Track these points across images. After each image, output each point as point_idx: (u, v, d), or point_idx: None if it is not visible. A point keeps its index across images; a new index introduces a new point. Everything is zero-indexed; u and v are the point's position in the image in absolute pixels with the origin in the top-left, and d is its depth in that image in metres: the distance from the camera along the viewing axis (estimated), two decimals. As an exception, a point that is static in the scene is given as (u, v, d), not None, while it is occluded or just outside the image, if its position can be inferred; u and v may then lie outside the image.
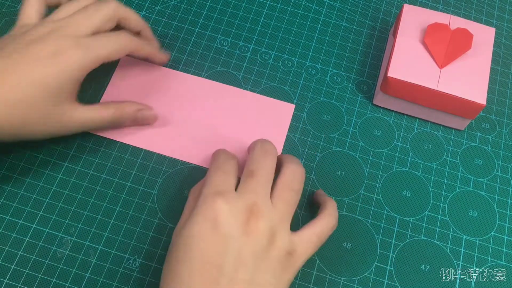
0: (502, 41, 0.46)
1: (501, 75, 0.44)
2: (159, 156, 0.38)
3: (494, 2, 0.49)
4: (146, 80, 0.41)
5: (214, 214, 0.28)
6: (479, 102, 0.37)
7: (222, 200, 0.28)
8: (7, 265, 0.33)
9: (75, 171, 0.37)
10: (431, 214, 0.37)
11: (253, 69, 0.42)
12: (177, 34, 0.44)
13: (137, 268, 0.34)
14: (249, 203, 0.29)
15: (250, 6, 0.46)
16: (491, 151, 0.40)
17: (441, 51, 0.39)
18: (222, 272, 0.26)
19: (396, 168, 0.39)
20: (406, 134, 0.41)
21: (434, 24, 0.40)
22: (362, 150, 0.40)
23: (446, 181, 0.39)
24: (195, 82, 0.41)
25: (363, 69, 0.44)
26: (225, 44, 0.44)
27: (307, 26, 0.45)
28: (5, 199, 0.35)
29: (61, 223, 0.35)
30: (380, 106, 0.42)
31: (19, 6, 0.43)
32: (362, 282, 0.34)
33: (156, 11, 0.45)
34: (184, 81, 0.41)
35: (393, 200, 0.38)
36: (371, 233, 0.36)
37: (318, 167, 0.39)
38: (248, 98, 0.41)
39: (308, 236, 0.30)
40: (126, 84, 0.40)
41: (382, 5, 0.47)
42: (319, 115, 0.41)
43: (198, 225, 0.28)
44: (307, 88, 0.42)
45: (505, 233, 0.37)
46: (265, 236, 0.28)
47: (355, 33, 0.45)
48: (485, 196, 0.38)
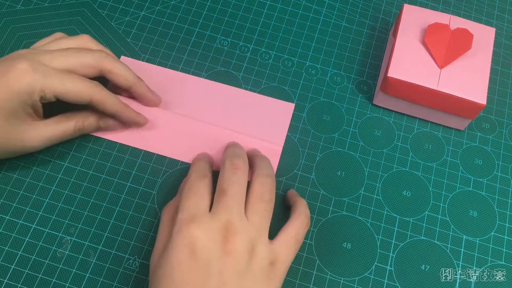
0: (502, 41, 0.46)
1: (501, 75, 0.44)
2: (159, 156, 0.38)
3: (494, 2, 0.49)
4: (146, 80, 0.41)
5: (190, 242, 0.28)
6: (479, 102, 0.37)
7: (196, 226, 0.28)
8: (7, 265, 0.33)
9: (75, 171, 0.37)
10: (431, 214, 0.37)
11: (253, 69, 0.42)
12: (177, 34, 0.44)
13: (137, 268, 0.34)
14: (223, 222, 0.29)
15: (250, 6, 0.46)
16: (491, 151, 0.40)
17: (441, 51, 0.39)
18: None
19: (396, 168, 0.39)
20: (406, 134, 0.41)
21: (434, 24, 0.40)
22: (362, 150, 0.40)
23: (446, 181, 0.39)
24: (195, 82, 0.41)
25: (363, 69, 0.44)
26: (225, 44, 0.44)
27: (307, 26, 0.45)
28: (5, 199, 0.35)
29: (61, 223, 0.35)
30: (380, 106, 0.41)
31: (19, 6, 0.43)
32: (362, 282, 0.34)
33: (156, 11, 0.45)
34: (184, 81, 0.41)
35: (393, 200, 0.38)
36: (371, 233, 0.36)
37: (318, 167, 0.38)
38: (248, 98, 0.41)
39: (286, 241, 0.30)
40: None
41: (382, 5, 0.47)
42: (319, 115, 0.41)
43: (176, 254, 0.28)
44: (307, 88, 0.42)
45: (505, 233, 0.37)
46: (244, 251, 0.28)
47: (355, 33, 0.45)
48: (485, 196, 0.38)
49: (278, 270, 0.29)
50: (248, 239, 0.29)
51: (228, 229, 0.28)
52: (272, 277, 0.29)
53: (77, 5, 0.44)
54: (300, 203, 0.34)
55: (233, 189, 0.30)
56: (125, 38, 0.43)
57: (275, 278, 0.29)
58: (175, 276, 0.27)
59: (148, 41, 0.43)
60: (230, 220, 0.29)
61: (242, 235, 0.28)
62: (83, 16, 0.44)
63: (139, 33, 0.43)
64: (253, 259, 0.28)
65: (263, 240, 0.29)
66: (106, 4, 0.45)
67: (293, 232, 0.31)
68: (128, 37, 0.43)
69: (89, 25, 0.43)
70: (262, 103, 0.41)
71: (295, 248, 0.31)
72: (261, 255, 0.29)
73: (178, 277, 0.27)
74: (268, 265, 0.29)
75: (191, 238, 0.28)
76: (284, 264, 0.30)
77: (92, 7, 0.44)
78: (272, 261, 0.29)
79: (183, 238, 0.28)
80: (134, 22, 0.44)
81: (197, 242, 0.28)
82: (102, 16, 0.44)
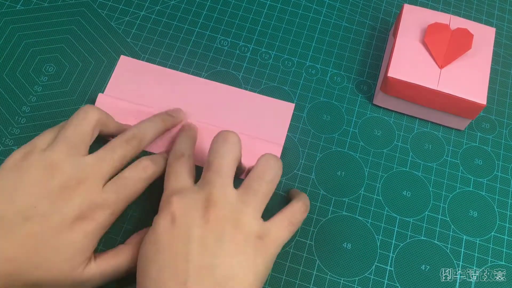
0: (502, 41, 0.46)
1: (501, 75, 0.44)
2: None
3: (495, 2, 0.49)
4: (146, 80, 0.41)
5: (171, 210, 0.29)
6: (479, 102, 0.37)
7: (177, 196, 0.29)
8: (7, 265, 0.33)
9: (75, 171, 0.37)
10: (431, 214, 0.37)
11: (253, 69, 0.42)
12: (177, 34, 0.44)
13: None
14: (205, 194, 0.29)
15: (250, 6, 0.46)
16: (491, 151, 0.40)
17: (441, 51, 0.39)
18: (188, 259, 0.27)
19: (396, 168, 0.39)
20: (406, 134, 0.40)
21: (434, 24, 0.40)
22: (362, 150, 0.40)
23: (446, 181, 0.39)
24: (195, 82, 0.41)
25: (363, 69, 0.43)
26: (225, 44, 0.44)
27: (307, 26, 0.45)
28: (5, 199, 0.35)
29: (61, 223, 0.35)
30: (380, 106, 0.41)
31: (19, 6, 0.43)
32: (362, 282, 0.34)
33: (156, 11, 0.45)
34: (184, 81, 0.41)
35: (393, 200, 0.38)
36: (371, 233, 0.36)
37: (318, 167, 0.38)
38: (248, 98, 0.41)
39: (279, 221, 0.30)
40: (125, 83, 0.40)
41: (382, 5, 0.47)
42: (319, 115, 0.41)
43: (159, 224, 0.28)
44: (307, 88, 0.42)
45: (505, 234, 0.37)
46: (227, 222, 0.28)
47: (355, 33, 0.45)
48: (485, 197, 0.38)
49: (266, 246, 0.29)
50: (231, 210, 0.29)
51: (209, 200, 0.29)
52: (259, 251, 0.28)
53: (77, 5, 0.44)
54: (301, 194, 0.34)
55: (219, 161, 0.30)
56: (125, 38, 0.43)
57: (263, 253, 0.28)
58: (159, 243, 0.28)
59: (148, 41, 0.43)
60: (211, 192, 0.29)
61: (225, 207, 0.28)
62: (83, 16, 0.44)
63: (139, 33, 0.43)
64: (236, 229, 0.28)
65: (251, 215, 0.29)
66: (106, 4, 0.45)
67: (289, 214, 0.31)
68: (128, 37, 0.43)
69: (89, 25, 0.43)
70: (262, 103, 0.40)
71: (289, 230, 0.30)
72: (246, 228, 0.28)
73: (161, 243, 0.28)
74: (255, 238, 0.28)
75: (171, 206, 0.29)
76: (274, 242, 0.29)
77: (92, 7, 0.44)
78: (260, 236, 0.29)
79: (164, 207, 0.29)
80: (134, 22, 0.44)
81: (178, 210, 0.28)
82: (102, 16, 0.44)
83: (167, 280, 0.26)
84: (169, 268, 0.27)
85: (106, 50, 0.42)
